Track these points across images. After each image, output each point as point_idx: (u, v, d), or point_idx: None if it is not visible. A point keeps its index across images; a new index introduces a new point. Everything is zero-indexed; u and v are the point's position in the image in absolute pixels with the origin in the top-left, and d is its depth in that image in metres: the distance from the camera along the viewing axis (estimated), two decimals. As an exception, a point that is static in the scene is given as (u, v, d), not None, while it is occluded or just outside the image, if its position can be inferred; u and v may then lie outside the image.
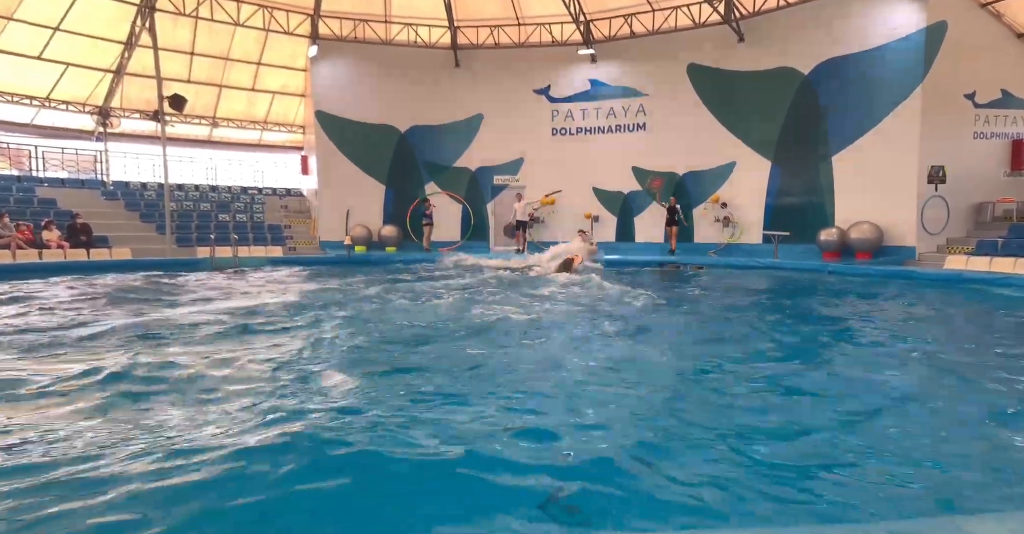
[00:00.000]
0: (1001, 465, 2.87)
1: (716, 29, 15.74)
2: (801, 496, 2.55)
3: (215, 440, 2.90)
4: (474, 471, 2.60)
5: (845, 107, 13.91)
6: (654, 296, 8.64)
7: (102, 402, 3.56)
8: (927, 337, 6.09)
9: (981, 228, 13.24)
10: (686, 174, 16.60)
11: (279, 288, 9.93)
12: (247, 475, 2.54)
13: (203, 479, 2.48)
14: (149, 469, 2.57)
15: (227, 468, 2.57)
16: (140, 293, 8.85)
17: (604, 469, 2.69)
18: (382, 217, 18.50)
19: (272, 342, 5.35)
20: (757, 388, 4.16)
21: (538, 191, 17.72)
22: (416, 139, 18.58)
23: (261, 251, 16.19)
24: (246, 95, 20.07)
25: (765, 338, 5.97)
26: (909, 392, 4.12)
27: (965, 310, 8.23)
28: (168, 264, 13.50)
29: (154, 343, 5.24)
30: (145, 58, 16.47)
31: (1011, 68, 13.20)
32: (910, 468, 2.83)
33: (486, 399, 3.70)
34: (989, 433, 3.28)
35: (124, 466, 2.61)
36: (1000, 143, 13.45)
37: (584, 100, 17.73)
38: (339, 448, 2.79)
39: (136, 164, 20.13)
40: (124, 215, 17.04)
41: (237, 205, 19.11)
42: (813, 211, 14.52)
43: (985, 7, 12.74)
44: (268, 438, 2.88)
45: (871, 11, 13.42)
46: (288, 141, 22.02)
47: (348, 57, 18.18)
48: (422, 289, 9.29)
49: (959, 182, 13.14)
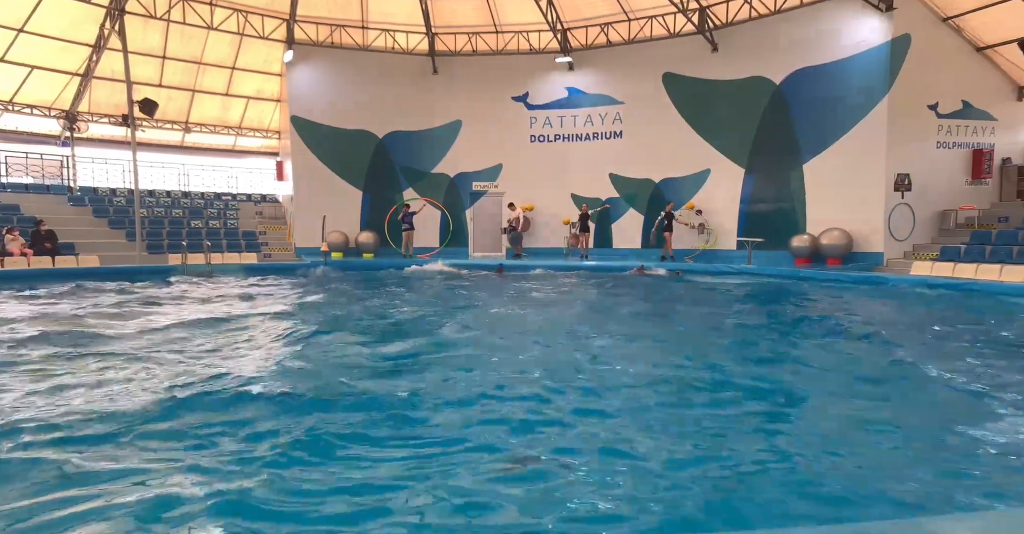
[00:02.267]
0: (957, 467, 2.95)
1: (690, 39, 16.03)
2: (770, 496, 2.59)
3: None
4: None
5: (815, 116, 14.27)
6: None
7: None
8: (889, 340, 6.24)
9: (945, 235, 13.66)
10: (662, 181, 16.82)
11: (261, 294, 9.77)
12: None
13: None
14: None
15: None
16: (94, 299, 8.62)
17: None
18: (359, 223, 18.36)
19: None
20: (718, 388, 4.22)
21: (517, 198, 17.76)
22: (394, 145, 18.50)
23: (235, 258, 15.92)
24: (220, 100, 19.76)
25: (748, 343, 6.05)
26: (867, 395, 4.21)
27: (929, 315, 8.47)
28: (138, 272, 13.18)
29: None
30: (114, 61, 16.12)
31: (971, 80, 13.69)
32: (872, 469, 2.90)
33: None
34: (948, 436, 3.37)
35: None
36: (961, 152, 13.92)
37: (562, 107, 17.87)
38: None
39: (105, 169, 19.64)
40: (92, 222, 16.60)
41: (210, 211, 18.77)
42: (785, 218, 14.83)
43: (946, 22, 13.21)
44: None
45: (839, 23, 13.81)
46: (263, 147, 21.73)
47: (324, 62, 18.04)
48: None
49: (924, 190, 13.55)
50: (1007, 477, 2.79)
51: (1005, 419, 3.60)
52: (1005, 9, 12.23)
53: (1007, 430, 3.39)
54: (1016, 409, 3.79)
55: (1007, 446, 3.16)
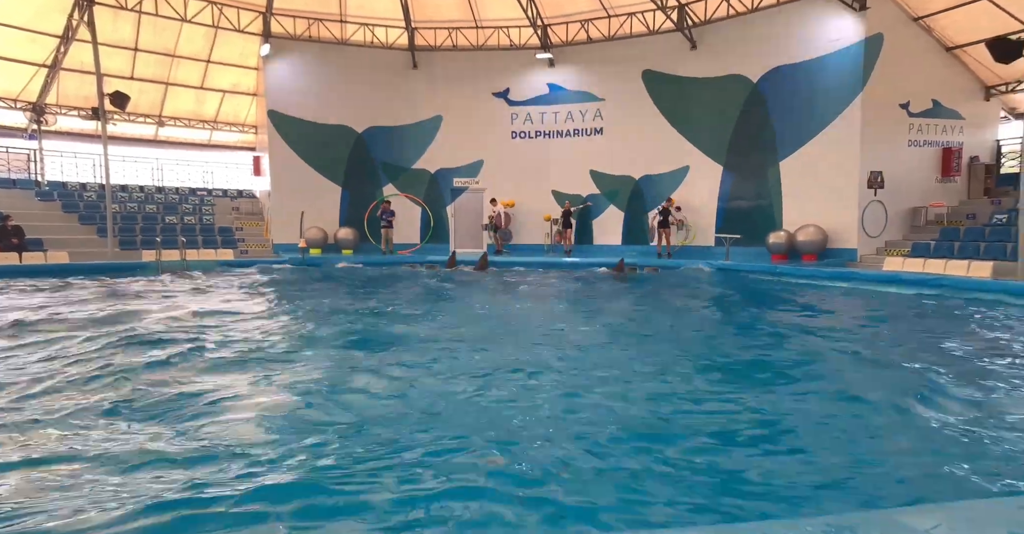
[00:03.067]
0: (922, 458, 3.03)
1: (670, 36, 16.13)
2: (743, 490, 2.63)
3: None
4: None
5: (791, 114, 14.48)
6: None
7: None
8: (854, 334, 6.39)
9: (916, 231, 13.98)
10: (642, 178, 16.93)
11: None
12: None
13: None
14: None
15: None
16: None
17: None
18: (338, 219, 18.17)
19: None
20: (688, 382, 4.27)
21: (498, 194, 17.74)
22: (373, 140, 18.32)
23: (211, 254, 15.63)
24: (195, 93, 19.35)
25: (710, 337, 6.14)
26: (835, 390, 4.30)
27: (896, 310, 8.68)
28: (111, 268, 12.87)
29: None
30: (83, 53, 15.67)
31: (941, 80, 14.01)
32: (842, 464, 2.96)
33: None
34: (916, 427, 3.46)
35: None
36: (932, 151, 14.25)
37: (543, 104, 17.87)
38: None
39: (74, 164, 19.10)
40: (61, 217, 16.15)
41: (185, 207, 18.40)
42: (762, 214, 15.04)
43: (917, 21, 13.48)
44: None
45: (814, 22, 14.01)
46: (240, 141, 21.34)
47: (302, 56, 17.77)
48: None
49: (896, 187, 13.84)
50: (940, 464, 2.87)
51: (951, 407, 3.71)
52: (973, 9, 12.53)
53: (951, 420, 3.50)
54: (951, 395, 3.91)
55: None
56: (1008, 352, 5.52)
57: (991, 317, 7.57)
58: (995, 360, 5.16)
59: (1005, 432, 3.35)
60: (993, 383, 4.37)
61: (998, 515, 1.75)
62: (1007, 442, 3.19)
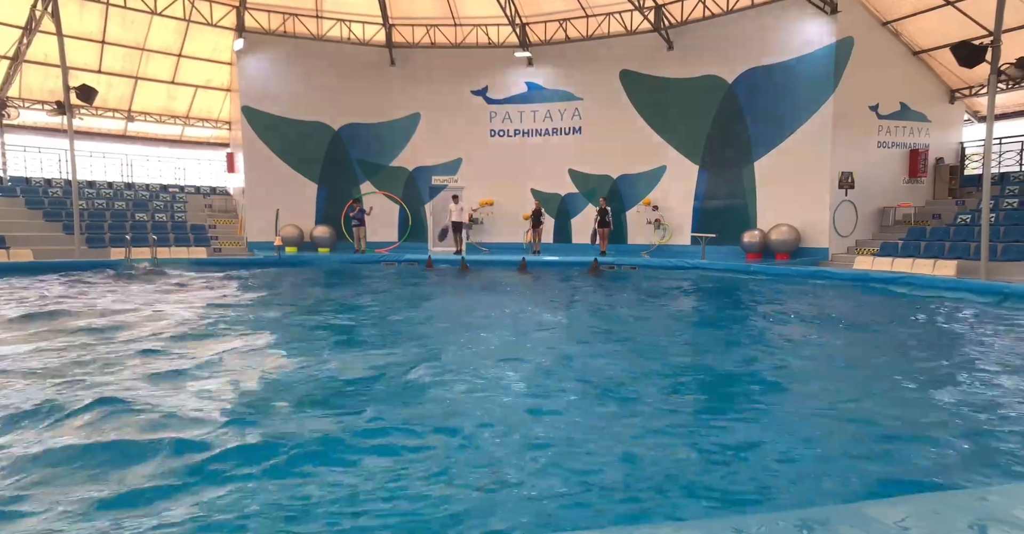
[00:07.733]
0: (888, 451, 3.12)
1: (647, 37, 16.28)
2: (720, 484, 2.68)
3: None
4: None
5: (765, 115, 14.73)
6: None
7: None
8: (826, 329, 6.54)
9: (884, 231, 14.36)
10: (619, 177, 17.06)
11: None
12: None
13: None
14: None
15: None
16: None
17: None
18: (315, 217, 17.94)
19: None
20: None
21: (477, 192, 17.67)
22: (350, 137, 18.13)
23: (183, 252, 15.32)
24: (166, 88, 18.90)
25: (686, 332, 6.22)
26: (809, 383, 4.41)
27: (864, 307, 8.91)
28: (77, 266, 12.52)
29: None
30: (48, 45, 15.18)
31: (908, 83, 14.39)
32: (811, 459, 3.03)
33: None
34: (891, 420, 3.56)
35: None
36: (899, 152, 14.63)
37: (521, 102, 17.87)
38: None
39: (39, 159, 18.51)
40: (24, 214, 15.67)
41: (156, 204, 17.99)
42: (737, 214, 15.28)
43: (886, 26, 13.83)
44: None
45: (787, 25, 14.27)
46: (213, 137, 20.93)
47: (277, 52, 17.49)
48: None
49: (865, 187, 14.18)
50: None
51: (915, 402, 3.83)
52: (939, 14, 12.90)
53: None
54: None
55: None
56: (969, 349, 5.71)
57: (956, 314, 7.81)
58: (955, 358, 5.33)
59: (965, 426, 3.46)
60: (956, 379, 4.51)
61: (960, 506, 1.82)
62: (966, 436, 3.30)
